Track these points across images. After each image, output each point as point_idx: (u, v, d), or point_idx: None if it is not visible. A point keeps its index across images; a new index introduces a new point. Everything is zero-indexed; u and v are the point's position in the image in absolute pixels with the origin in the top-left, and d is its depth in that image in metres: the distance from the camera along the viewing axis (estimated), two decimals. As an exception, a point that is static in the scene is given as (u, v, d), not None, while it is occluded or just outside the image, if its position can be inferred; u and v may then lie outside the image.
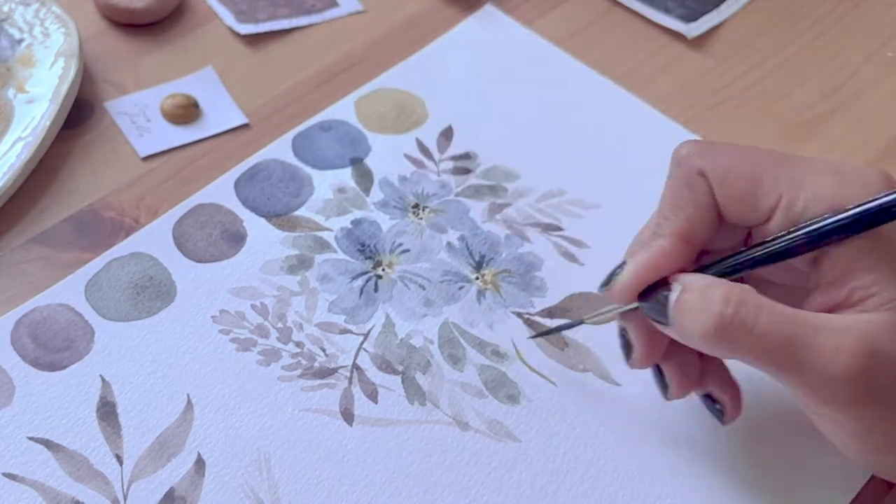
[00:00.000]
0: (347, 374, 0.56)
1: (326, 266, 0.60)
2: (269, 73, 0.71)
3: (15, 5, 0.71)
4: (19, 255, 0.60)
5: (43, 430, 0.53)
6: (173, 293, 0.58)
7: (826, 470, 0.53)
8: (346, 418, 0.54)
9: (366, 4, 0.75)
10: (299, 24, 0.73)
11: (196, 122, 0.67)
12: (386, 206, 0.63)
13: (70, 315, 0.57)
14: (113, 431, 0.53)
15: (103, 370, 0.55)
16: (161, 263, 0.60)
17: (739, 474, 0.53)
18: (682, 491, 0.52)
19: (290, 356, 0.56)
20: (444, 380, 0.56)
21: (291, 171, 0.64)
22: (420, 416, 0.54)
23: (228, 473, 0.52)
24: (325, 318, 0.58)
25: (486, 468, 0.53)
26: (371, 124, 0.67)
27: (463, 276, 0.60)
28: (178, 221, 0.62)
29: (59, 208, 0.62)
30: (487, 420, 0.54)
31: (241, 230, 0.61)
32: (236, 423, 0.53)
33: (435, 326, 0.58)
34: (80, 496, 0.51)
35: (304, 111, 0.68)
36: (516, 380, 0.56)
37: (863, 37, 0.75)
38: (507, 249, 0.61)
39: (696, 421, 0.55)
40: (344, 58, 0.72)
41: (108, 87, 0.69)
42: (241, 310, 0.58)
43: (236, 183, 0.64)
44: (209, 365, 0.56)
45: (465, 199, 0.63)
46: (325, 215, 0.62)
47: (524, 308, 0.59)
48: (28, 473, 0.51)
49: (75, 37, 0.68)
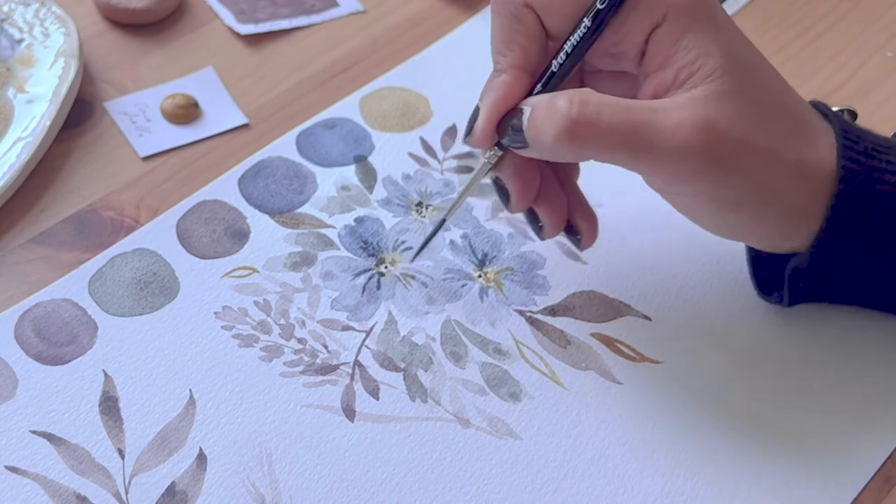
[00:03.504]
0: (349, 370, 0.56)
1: (329, 263, 0.60)
2: (269, 73, 0.71)
3: (15, 5, 0.71)
4: (19, 255, 0.60)
5: (45, 424, 0.53)
6: (176, 289, 0.58)
7: (826, 471, 0.53)
8: (347, 415, 0.54)
9: (366, 4, 0.75)
10: (299, 24, 0.74)
11: (196, 122, 0.67)
12: (389, 203, 0.63)
13: (73, 310, 0.57)
14: (115, 426, 0.53)
15: (106, 365, 0.55)
16: (164, 259, 0.60)
17: (739, 474, 0.53)
18: (681, 490, 0.52)
19: (293, 352, 0.56)
20: (445, 377, 0.56)
21: (295, 169, 0.64)
22: (421, 412, 0.54)
23: (230, 469, 0.52)
24: (327, 314, 0.58)
25: (487, 465, 0.53)
26: (375, 122, 0.67)
27: (465, 274, 0.60)
28: (181, 218, 0.62)
29: (59, 208, 0.62)
30: (489, 417, 0.54)
31: (245, 227, 0.61)
32: (238, 418, 0.53)
33: (437, 324, 0.58)
34: (81, 490, 0.51)
35: (303, 111, 0.68)
36: (518, 377, 0.56)
37: (863, 37, 0.75)
38: (510, 248, 0.61)
39: (696, 421, 0.55)
40: (344, 58, 0.72)
41: (108, 87, 0.69)
42: (244, 306, 0.58)
43: (240, 180, 0.64)
44: (211, 361, 0.56)
45: (468, 198, 0.63)
46: (329, 213, 0.62)
47: (526, 306, 0.59)
48: (30, 467, 0.51)
49: (75, 37, 0.68)
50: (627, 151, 0.49)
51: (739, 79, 0.49)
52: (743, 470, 0.53)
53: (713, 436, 0.54)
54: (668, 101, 0.49)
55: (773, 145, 0.50)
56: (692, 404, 0.55)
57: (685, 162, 0.48)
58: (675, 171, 0.49)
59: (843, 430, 0.55)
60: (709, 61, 0.49)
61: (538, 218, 0.56)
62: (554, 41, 0.52)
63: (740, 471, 0.53)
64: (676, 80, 0.49)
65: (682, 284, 0.60)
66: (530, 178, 0.54)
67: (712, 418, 0.54)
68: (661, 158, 0.48)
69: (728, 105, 0.49)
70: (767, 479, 0.53)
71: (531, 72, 0.52)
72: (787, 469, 0.53)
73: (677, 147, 0.48)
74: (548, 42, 0.53)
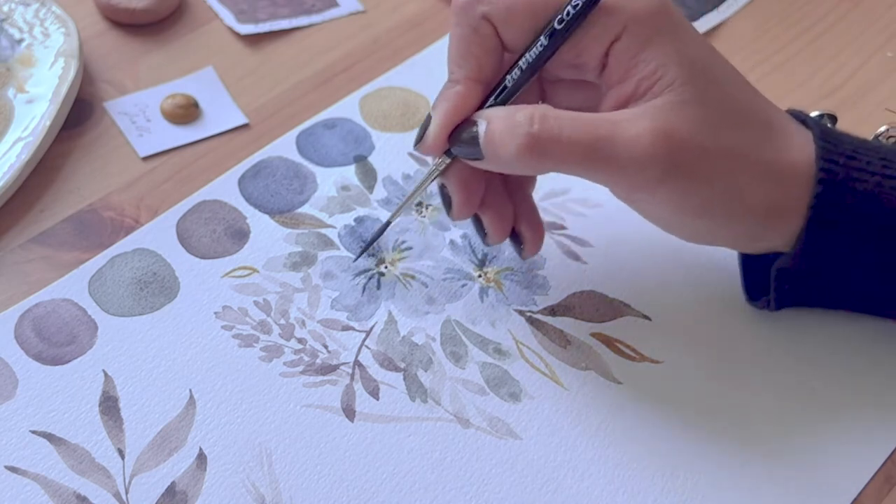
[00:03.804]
0: (349, 370, 0.56)
1: (329, 263, 0.60)
2: (269, 73, 0.71)
3: (15, 5, 0.71)
4: (19, 255, 0.60)
5: (45, 424, 0.53)
6: (176, 289, 0.58)
7: (826, 471, 0.53)
8: (347, 415, 0.54)
9: (366, 4, 0.75)
10: (299, 24, 0.74)
11: (196, 122, 0.67)
12: (389, 203, 0.63)
13: (73, 310, 0.57)
14: (115, 426, 0.53)
15: (106, 365, 0.55)
16: (164, 259, 0.60)
17: (739, 474, 0.53)
18: (681, 490, 0.52)
19: (293, 352, 0.56)
20: (445, 377, 0.56)
21: (295, 169, 0.64)
22: (421, 412, 0.54)
23: (230, 469, 0.52)
24: (327, 314, 0.58)
25: (486, 465, 0.53)
26: (375, 122, 0.67)
27: (466, 274, 0.60)
28: (181, 218, 0.62)
29: (59, 208, 0.62)
30: (489, 417, 0.54)
31: (245, 227, 0.61)
32: (238, 418, 0.53)
33: (437, 324, 0.58)
34: (81, 490, 0.51)
35: (303, 111, 0.68)
36: (518, 377, 0.56)
37: (863, 37, 0.75)
38: (510, 248, 0.61)
39: (696, 420, 0.55)
40: (344, 58, 0.72)
41: (108, 87, 0.69)
42: (244, 306, 0.58)
43: (240, 180, 0.64)
44: (211, 361, 0.55)
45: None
46: (329, 212, 0.62)
47: (526, 306, 0.59)
48: (30, 467, 0.51)
49: (75, 37, 0.68)
50: (588, 164, 0.49)
51: (700, 87, 0.49)
52: (743, 470, 0.53)
53: (713, 436, 0.54)
54: (627, 112, 0.50)
55: (738, 150, 0.50)
56: (692, 404, 0.55)
57: (646, 171, 0.49)
58: (637, 182, 0.50)
59: (843, 430, 0.55)
60: (668, 72, 0.49)
61: (483, 224, 0.56)
62: (511, 53, 0.53)
63: (740, 471, 0.53)
64: (637, 91, 0.50)
65: (682, 284, 0.60)
66: (475, 187, 0.55)
67: (712, 418, 0.54)
68: (623, 169, 0.49)
69: (688, 113, 0.49)
70: (767, 479, 0.53)
71: (485, 83, 0.53)
72: (786, 469, 0.53)
73: (637, 157, 0.48)
74: (503, 54, 0.53)
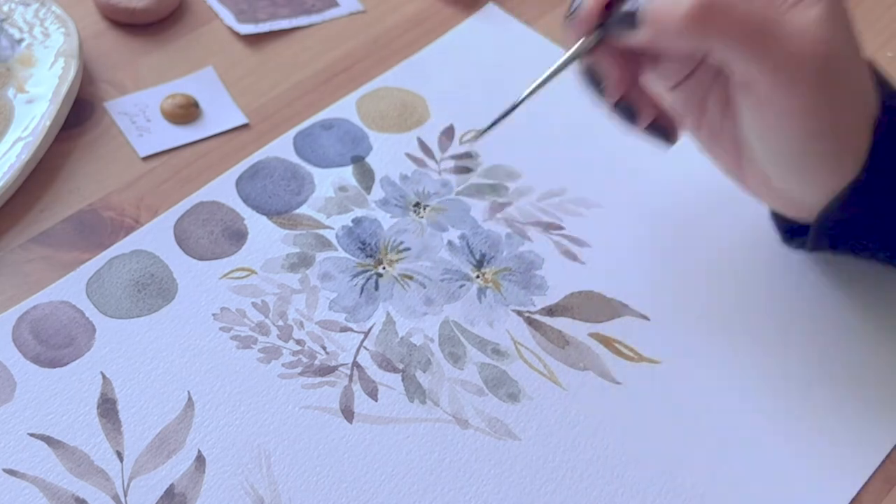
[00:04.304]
0: (348, 371, 0.56)
1: (327, 264, 0.60)
2: (269, 73, 0.71)
3: (15, 5, 0.71)
4: (19, 255, 0.60)
5: (44, 427, 0.53)
6: (174, 291, 0.58)
7: (826, 470, 0.53)
8: (346, 416, 0.54)
9: (366, 4, 0.75)
10: (299, 24, 0.73)
11: (196, 122, 0.67)
12: (387, 204, 0.63)
13: (71, 312, 0.57)
14: (113, 428, 0.53)
15: (104, 367, 0.55)
16: (162, 261, 0.60)
17: (738, 475, 0.53)
18: (681, 490, 0.52)
19: (291, 354, 0.56)
20: (444, 378, 0.56)
21: (293, 170, 0.64)
22: (420, 413, 0.54)
23: (229, 470, 0.52)
24: (325, 316, 0.58)
25: (485, 466, 0.53)
26: (373, 123, 0.67)
27: (463, 275, 0.60)
28: (179, 219, 0.62)
29: (59, 208, 0.62)
30: (487, 418, 0.54)
31: (243, 228, 0.61)
32: (237, 420, 0.54)
33: (435, 325, 0.58)
34: (80, 492, 0.51)
35: (303, 111, 0.68)
36: (516, 378, 0.56)
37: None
38: (508, 248, 0.61)
39: (695, 420, 0.55)
40: (344, 58, 0.72)
41: (108, 87, 0.69)
42: (242, 307, 0.58)
43: (238, 181, 0.64)
44: (210, 362, 0.56)
45: (466, 198, 0.63)
46: (327, 213, 0.62)
47: (524, 306, 0.59)
48: (29, 470, 0.51)
49: (75, 37, 0.68)
50: (752, 45, 0.48)
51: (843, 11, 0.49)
52: (742, 470, 0.53)
53: (712, 436, 0.54)
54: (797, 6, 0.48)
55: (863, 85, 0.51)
56: (691, 404, 0.55)
57: (803, 70, 0.48)
58: (792, 77, 0.48)
59: (843, 429, 0.55)
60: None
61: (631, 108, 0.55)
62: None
63: (740, 470, 0.53)
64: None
65: (681, 284, 0.60)
66: (629, 64, 0.54)
67: (711, 418, 0.54)
68: (784, 59, 0.48)
69: (840, 28, 0.49)
70: (767, 479, 0.53)
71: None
72: (786, 468, 0.53)
73: (801, 51, 0.47)
74: None
